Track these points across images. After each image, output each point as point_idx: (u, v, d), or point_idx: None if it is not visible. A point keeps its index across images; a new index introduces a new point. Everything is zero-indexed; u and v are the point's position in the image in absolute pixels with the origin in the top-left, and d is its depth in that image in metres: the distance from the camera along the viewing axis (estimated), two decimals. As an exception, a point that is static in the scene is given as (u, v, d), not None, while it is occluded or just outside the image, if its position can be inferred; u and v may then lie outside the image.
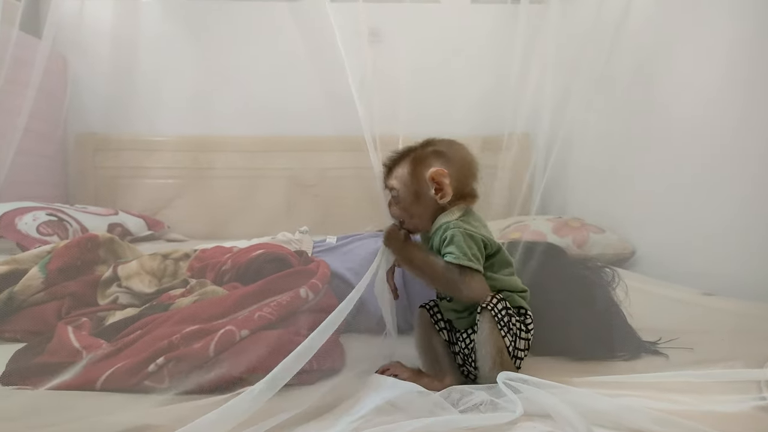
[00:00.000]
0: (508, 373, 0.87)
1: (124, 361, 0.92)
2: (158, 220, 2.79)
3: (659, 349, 1.13)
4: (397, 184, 1.02)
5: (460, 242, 0.95)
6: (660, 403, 0.81)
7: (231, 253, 1.26)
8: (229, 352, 0.90)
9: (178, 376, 0.87)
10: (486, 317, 0.92)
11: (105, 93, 2.93)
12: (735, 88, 1.85)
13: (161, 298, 1.16)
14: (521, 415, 0.78)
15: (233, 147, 2.99)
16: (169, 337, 0.94)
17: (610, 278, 1.20)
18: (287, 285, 1.08)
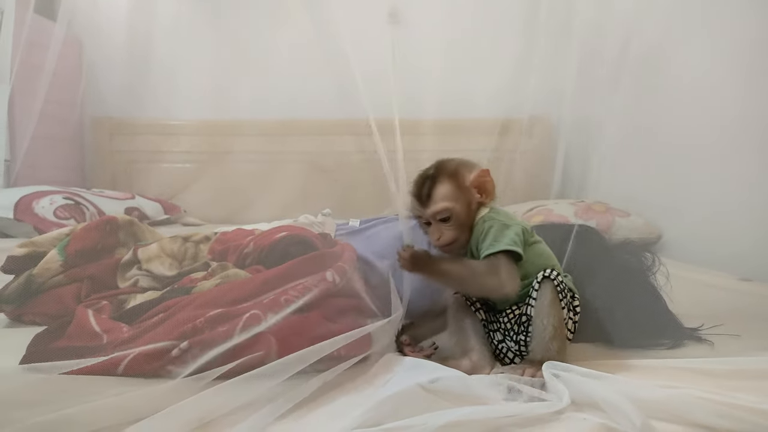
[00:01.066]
0: (554, 363, 0.83)
1: (147, 346, 0.88)
2: (175, 204, 2.76)
3: (703, 336, 1.07)
4: (448, 203, 0.98)
5: (498, 231, 0.95)
6: (720, 396, 0.75)
7: (253, 235, 1.22)
8: (255, 337, 0.86)
9: (202, 361, 0.83)
10: (549, 287, 0.92)
11: (121, 77, 2.90)
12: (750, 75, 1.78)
13: (182, 281, 1.13)
14: (568, 404, 0.73)
15: (251, 131, 2.94)
16: (192, 321, 0.90)
17: (650, 263, 1.14)
18: (313, 268, 1.03)
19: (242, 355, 0.82)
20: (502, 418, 0.70)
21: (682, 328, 1.08)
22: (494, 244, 0.93)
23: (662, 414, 0.71)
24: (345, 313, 1.03)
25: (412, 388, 0.78)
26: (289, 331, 0.89)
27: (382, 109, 3.06)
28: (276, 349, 0.80)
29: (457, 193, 0.98)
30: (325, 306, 0.99)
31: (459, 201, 0.98)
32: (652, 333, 1.06)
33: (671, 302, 1.11)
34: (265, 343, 0.81)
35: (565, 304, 0.92)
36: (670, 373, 0.89)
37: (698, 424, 0.69)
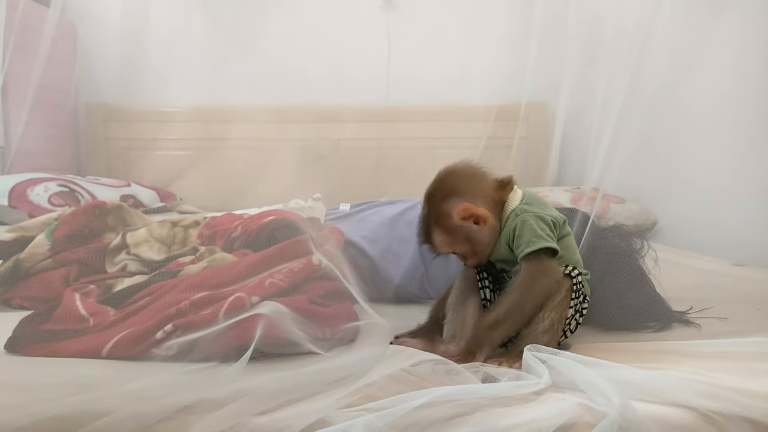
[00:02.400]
0: (535, 345, 0.82)
1: (131, 329, 0.88)
2: (171, 191, 2.75)
3: (691, 318, 1.07)
4: (448, 248, 0.96)
5: (532, 226, 0.91)
6: (703, 377, 0.75)
7: (241, 220, 1.22)
8: (239, 320, 0.85)
9: (186, 344, 0.83)
10: (566, 284, 0.90)
11: (116, 63, 2.88)
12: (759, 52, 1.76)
13: (170, 265, 1.13)
14: (548, 385, 0.73)
15: (246, 118, 2.93)
16: (177, 304, 0.90)
17: (639, 246, 1.14)
18: (299, 251, 1.03)
19: (229, 337, 0.81)
20: (482, 398, 0.70)
21: (669, 311, 1.08)
22: (533, 241, 0.89)
23: (643, 395, 0.70)
24: (331, 297, 1.03)
25: (394, 372, 0.77)
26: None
27: (377, 96, 3.07)
28: (262, 331, 0.79)
29: (452, 237, 0.94)
30: (310, 289, 0.99)
31: (457, 241, 0.94)
32: (640, 316, 1.06)
33: (660, 286, 1.11)
34: (251, 324, 0.81)
35: (573, 305, 0.91)
36: (655, 356, 0.89)
37: (680, 404, 0.69)
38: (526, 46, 2.82)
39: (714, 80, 1.95)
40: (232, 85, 2.89)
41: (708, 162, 1.94)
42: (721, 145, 1.90)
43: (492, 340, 0.89)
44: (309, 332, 0.91)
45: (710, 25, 2.01)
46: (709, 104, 1.96)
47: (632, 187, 2.34)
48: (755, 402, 0.68)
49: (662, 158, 2.20)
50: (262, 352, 0.82)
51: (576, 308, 0.91)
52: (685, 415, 0.68)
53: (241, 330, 0.80)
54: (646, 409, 0.69)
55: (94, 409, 0.63)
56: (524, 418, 0.66)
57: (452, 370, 0.76)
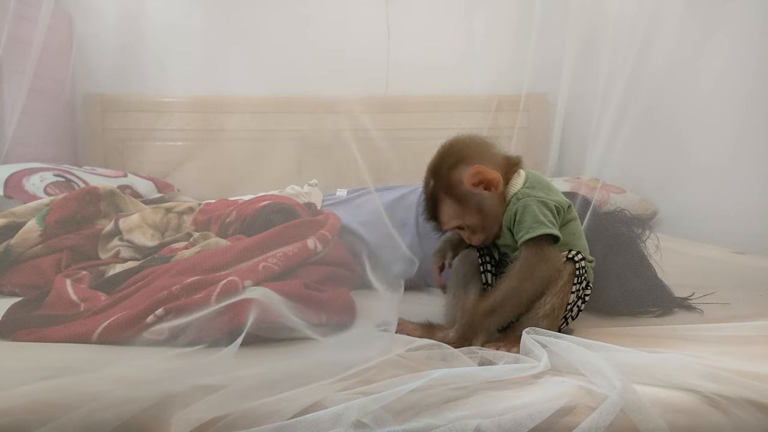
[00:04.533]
0: (534, 329, 0.81)
1: (122, 313, 0.86)
2: (168, 182, 2.74)
3: (693, 304, 1.05)
4: (457, 220, 0.92)
5: (534, 211, 0.88)
6: (705, 359, 0.73)
7: (236, 205, 1.20)
8: (232, 303, 0.84)
9: (177, 328, 0.81)
10: (568, 269, 0.88)
11: (112, 52, 2.85)
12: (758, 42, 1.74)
13: (163, 251, 1.11)
14: (546, 368, 0.71)
15: (244, 108, 2.90)
16: (168, 288, 0.88)
17: (641, 231, 1.12)
18: (294, 236, 1.01)
19: (221, 321, 0.80)
20: (477, 381, 0.68)
21: (671, 297, 1.06)
22: (534, 227, 0.86)
23: (645, 378, 0.69)
24: (327, 282, 1.01)
25: (391, 357, 0.76)
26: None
27: (376, 86, 3.04)
28: (255, 316, 0.77)
29: (462, 207, 0.90)
30: (305, 273, 0.97)
31: (468, 211, 0.90)
32: (641, 301, 1.04)
33: (662, 271, 1.09)
34: (244, 308, 0.79)
35: (575, 290, 0.89)
36: (656, 340, 0.87)
37: (682, 387, 0.67)
38: (526, 36, 2.80)
39: (714, 70, 1.93)
40: (229, 76, 2.87)
41: (708, 151, 1.92)
42: (721, 134, 1.88)
43: (488, 327, 0.87)
44: (304, 317, 0.89)
45: (711, 13, 1.99)
46: (709, 93, 1.94)
47: (633, 176, 2.32)
48: (759, 384, 0.67)
49: (662, 148, 2.18)
50: (257, 336, 0.80)
51: (578, 294, 0.90)
52: (687, 398, 0.67)
53: (233, 314, 0.78)
54: (648, 391, 0.67)
55: (76, 393, 0.62)
56: (522, 401, 0.65)
57: (449, 354, 0.74)
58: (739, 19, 1.84)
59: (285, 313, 0.77)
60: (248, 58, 2.86)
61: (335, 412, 0.62)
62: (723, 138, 1.89)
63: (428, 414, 0.64)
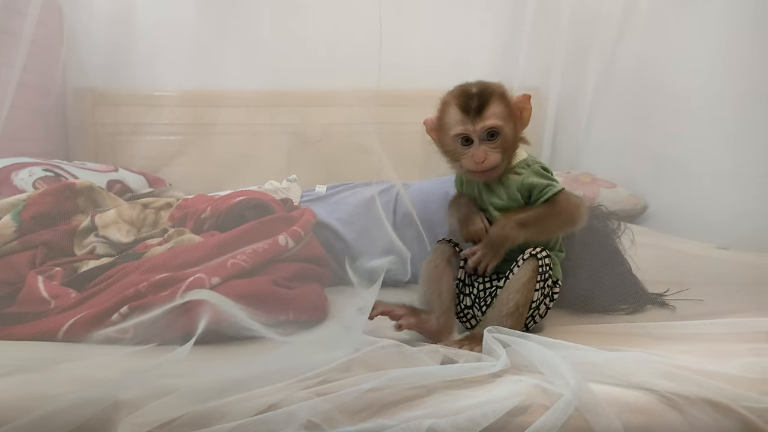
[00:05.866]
0: (497, 327, 0.80)
1: (88, 311, 0.86)
2: (159, 177, 2.73)
3: (666, 300, 1.05)
4: (500, 121, 0.90)
5: (546, 174, 0.93)
6: (664, 358, 0.73)
7: (211, 201, 1.20)
8: (197, 301, 0.83)
9: (141, 326, 0.81)
10: (531, 265, 0.87)
11: (103, 46, 2.83)
12: (745, 35, 1.73)
13: (137, 247, 1.11)
14: (505, 367, 0.71)
15: (236, 102, 2.89)
16: (136, 286, 0.88)
17: (616, 226, 1.12)
18: (266, 232, 1.01)
19: (185, 319, 0.79)
20: (435, 381, 0.68)
21: (644, 293, 1.06)
22: (554, 184, 0.91)
23: (602, 377, 0.69)
24: (298, 279, 1.01)
25: (356, 356, 0.75)
26: (234, 295, 0.86)
27: (368, 80, 3.02)
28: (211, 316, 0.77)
29: (507, 115, 0.91)
30: (275, 270, 0.97)
31: (508, 123, 0.91)
32: (614, 297, 1.04)
33: (636, 267, 1.09)
34: (200, 309, 0.78)
35: (540, 287, 0.88)
36: (625, 338, 0.87)
37: (639, 386, 0.67)
38: (519, 31, 2.78)
39: (703, 66, 1.91)
40: (221, 69, 2.85)
41: (695, 146, 1.92)
42: (709, 129, 1.87)
43: (516, 237, 0.88)
44: (270, 315, 0.89)
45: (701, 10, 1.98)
46: (697, 87, 1.93)
47: (623, 171, 2.32)
48: (716, 383, 0.66)
49: (652, 143, 2.18)
50: (221, 334, 0.80)
51: (544, 291, 0.89)
52: (644, 397, 0.66)
53: (194, 314, 0.77)
54: (605, 390, 0.67)
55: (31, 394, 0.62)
56: (477, 400, 0.65)
57: (407, 353, 0.74)
58: (727, 18, 1.82)
59: (237, 314, 0.76)
60: (240, 51, 2.84)
61: (288, 412, 0.62)
62: (711, 133, 1.88)
63: (384, 414, 0.64)
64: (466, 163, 0.91)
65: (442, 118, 0.94)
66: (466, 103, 0.90)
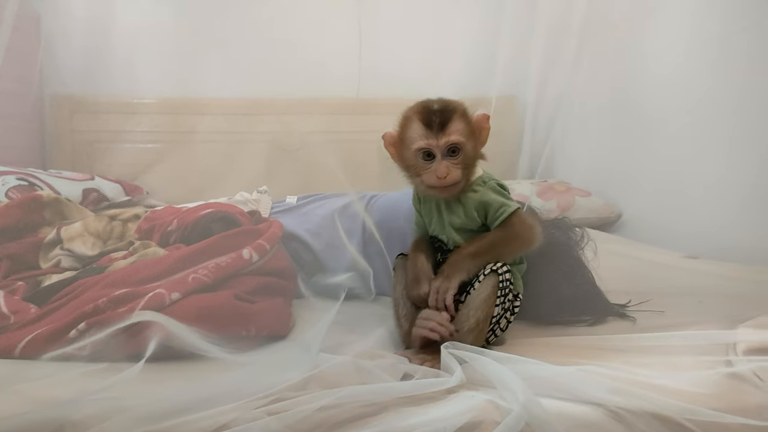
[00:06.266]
0: (453, 343, 0.81)
1: (47, 327, 0.86)
2: (137, 185, 2.71)
3: (627, 312, 1.06)
4: (463, 137, 0.91)
5: (502, 192, 0.95)
6: (617, 372, 0.74)
7: (179, 213, 1.19)
8: (132, 325, 0.83)
9: (98, 344, 0.80)
10: (491, 281, 0.88)
11: (81, 52, 2.81)
12: (711, 55, 1.76)
13: (102, 260, 1.10)
14: (460, 382, 0.72)
15: (215, 110, 2.88)
16: (95, 301, 0.87)
17: (579, 237, 1.13)
18: (230, 245, 1.01)
19: (139, 338, 0.79)
20: (390, 397, 0.68)
21: (606, 304, 1.07)
22: (509, 203, 0.93)
23: (553, 391, 0.69)
24: (262, 292, 1.01)
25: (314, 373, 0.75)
26: (194, 310, 0.86)
27: (347, 89, 3.03)
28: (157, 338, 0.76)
29: (469, 132, 0.92)
30: (238, 284, 0.97)
31: (470, 140, 0.92)
32: (576, 309, 1.04)
33: (599, 277, 1.10)
34: (146, 331, 0.78)
35: (500, 303, 0.88)
36: (584, 351, 0.88)
37: (589, 401, 0.68)
38: (496, 42, 2.81)
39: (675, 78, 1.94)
40: (200, 77, 2.84)
41: (667, 156, 1.94)
42: (681, 138, 1.89)
43: (469, 269, 0.89)
44: (232, 330, 0.89)
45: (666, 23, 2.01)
46: (668, 96, 1.96)
47: (598, 179, 2.34)
48: (666, 398, 0.67)
49: (626, 151, 2.20)
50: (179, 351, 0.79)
51: (504, 306, 0.90)
52: (593, 412, 0.67)
53: (143, 334, 0.77)
54: (555, 405, 0.68)
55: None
56: (427, 418, 0.65)
57: (364, 369, 0.74)
58: (698, 30, 1.85)
59: (188, 337, 0.76)
60: (219, 59, 2.83)
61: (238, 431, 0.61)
62: (683, 142, 1.90)
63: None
64: (427, 178, 0.92)
65: (403, 133, 0.94)
66: (429, 118, 0.91)
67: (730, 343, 0.83)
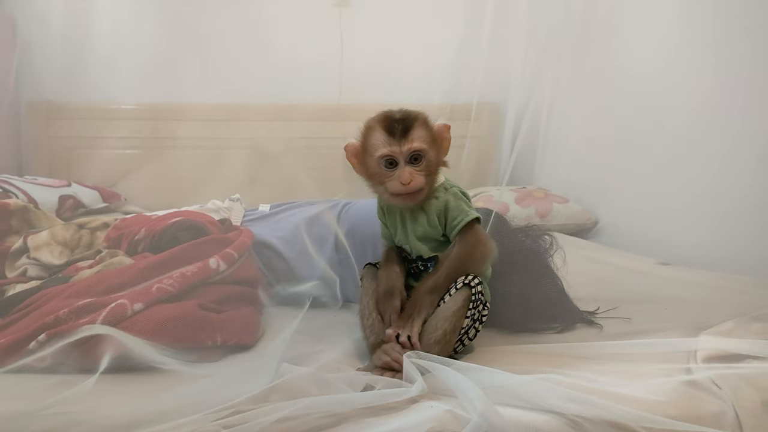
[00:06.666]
0: (417, 352, 0.80)
1: (6, 338, 0.84)
2: (114, 191, 2.68)
3: (595, 319, 1.07)
4: (425, 144, 0.92)
5: (463, 198, 0.95)
6: (575, 380, 0.75)
7: (147, 221, 1.18)
8: (119, 328, 0.82)
9: (59, 355, 0.79)
10: (464, 294, 0.88)
11: (58, 57, 2.77)
12: (695, 62, 1.78)
13: (68, 269, 1.08)
14: (421, 392, 0.71)
15: (194, 116, 2.86)
16: (56, 312, 0.86)
17: (548, 245, 1.13)
18: (197, 255, 1.00)
19: (99, 350, 0.78)
20: (349, 407, 0.68)
21: (575, 312, 1.08)
22: (468, 212, 0.92)
23: (513, 400, 0.69)
24: (230, 301, 1.00)
25: (267, 386, 0.74)
26: (157, 320, 0.85)
27: (328, 94, 3.03)
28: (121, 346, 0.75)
29: (431, 140, 0.93)
30: (205, 293, 0.96)
31: (432, 148, 0.93)
32: (545, 316, 1.05)
33: (567, 283, 1.10)
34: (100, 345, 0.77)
35: (470, 315, 0.89)
36: (550, 358, 0.88)
37: (548, 409, 0.68)
38: (479, 47, 2.83)
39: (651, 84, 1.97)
40: (180, 82, 2.82)
41: (642, 162, 1.97)
42: (654, 145, 1.92)
43: (432, 304, 0.89)
44: (197, 340, 0.88)
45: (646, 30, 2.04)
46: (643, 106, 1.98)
47: (577, 186, 2.36)
48: (623, 406, 0.68)
49: (604, 158, 2.23)
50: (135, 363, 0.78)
51: (474, 317, 0.90)
52: (552, 421, 0.68)
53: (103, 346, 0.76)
54: (514, 414, 0.68)
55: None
56: (386, 429, 0.65)
57: (324, 380, 0.73)
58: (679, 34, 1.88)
59: (143, 351, 0.75)
60: (200, 64, 2.81)
61: (193, 444, 0.61)
62: (656, 149, 1.93)
63: (294, 443, 0.64)
64: (391, 185, 0.92)
65: (366, 142, 0.94)
66: (391, 126, 0.92)
67: (692, 350, 0.84)
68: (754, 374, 0.76)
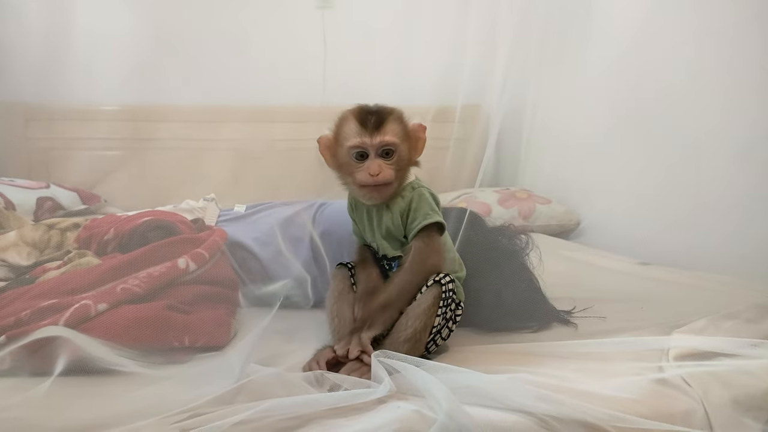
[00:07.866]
0: (385, 352, 0.79)
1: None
2: (94, 193, 2.64)
3: (570, 318, 1.06)
4: (398, 139, 0.91)
5: (429, 200, 0.93)
6: (547, 379, 0.74)
7: (117, 221, 1.16)
8: (81, 329, 0.80)
9: (19, 357, 0.77)
10: (433, 292, 0.87)
11: (36, 58, 2.73)
12: (682, 61, 1.79)
13: (35, 270, 1.06)
14: (389, 392, 0.70)
15: (175, 117, 2.83)
16: (18, 313, 0.84)
17: (524, 244, 1.13)
18: (165, 255, 0.98)
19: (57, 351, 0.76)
20: (315, 408, 0.66)
21: (550, 311, 1.07)
22: (429, 214, 0.90)
23: (482, 399, 0.68)
24: (201, 302, 0.98)
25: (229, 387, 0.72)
26: (122, 321, 0.83)
27: (311, 96, 3.01)
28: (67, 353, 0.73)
29: (404, 136, 0.93)
30: (173, 294, 0.94)
31: (404, 143, 0.92)
32: (520, 316, 1.04)
33: (543, 282, 1.10)
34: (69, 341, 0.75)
35: (442, 313, 0.87)
36: (524, 358, 0.88)
37: (517, 408, 0.67)
38: (463, 49, 2.82)
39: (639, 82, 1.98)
40: (161, 83, 2.79)
41: (621, 163, 1.97)
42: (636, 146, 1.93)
43: (384, 320, 0.87)
44: (163, 341, 0.86)
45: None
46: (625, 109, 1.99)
47: (560, 187, 2.36)
48: (592, 405, 0.67)
49: (586, 159, 2.23)
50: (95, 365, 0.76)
51: (446, 316, 0.89)
52: (521, 420, 0.67)
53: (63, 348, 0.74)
54: (483, 413, 0.67)
55: None
56: (354, 429, 0.63)
57: (289, 381, 0.72)
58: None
59: (99, 352, 0.73)
60: (180, 66, 2.79)
61: (151, 447, 0.59)
62: (639, 150, 1.93)
63: (256, 446, 0.62)
64: (360, 176, 0.90)
65: (338, 132, 0.94)
66: (365, 117, 0.91)
67: (664, 348, 0.83)
68: (724, 372, 0.76)
